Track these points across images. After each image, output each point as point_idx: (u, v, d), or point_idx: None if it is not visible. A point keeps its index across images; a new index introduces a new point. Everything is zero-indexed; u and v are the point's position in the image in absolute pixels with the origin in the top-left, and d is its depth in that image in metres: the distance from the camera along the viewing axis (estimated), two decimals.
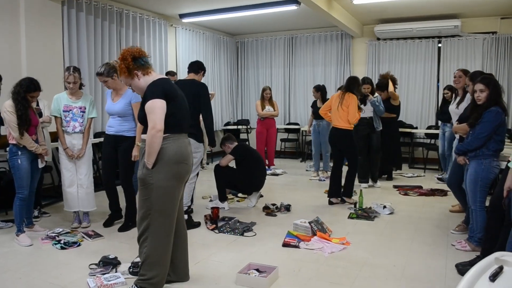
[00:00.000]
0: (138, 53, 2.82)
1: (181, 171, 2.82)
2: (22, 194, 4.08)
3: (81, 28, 6.52)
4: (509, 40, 8.24)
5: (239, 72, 10.88)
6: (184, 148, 2.83)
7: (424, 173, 7.86)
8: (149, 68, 2.85)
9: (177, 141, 2.79)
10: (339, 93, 5.60)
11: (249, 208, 5.40)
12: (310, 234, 4.17)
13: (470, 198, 3.74)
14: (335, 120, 5.52)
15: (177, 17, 8.50)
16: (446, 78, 8.66)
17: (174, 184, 2.79)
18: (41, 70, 5.56)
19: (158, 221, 2.78)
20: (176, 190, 2.83)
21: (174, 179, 2.78)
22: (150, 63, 2.89)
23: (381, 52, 9.29)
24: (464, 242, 3.91)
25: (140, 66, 2.81)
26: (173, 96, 2.78)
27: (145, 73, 2.83)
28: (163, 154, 2.72)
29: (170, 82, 2.90)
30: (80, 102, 4.48)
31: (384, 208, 5.12)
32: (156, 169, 2.73)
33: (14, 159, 4.05)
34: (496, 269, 1.46)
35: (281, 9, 7.61)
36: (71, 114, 4.42)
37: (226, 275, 3.27)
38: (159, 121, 2.65)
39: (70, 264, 3.54)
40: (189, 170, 2.92)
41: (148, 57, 2.89)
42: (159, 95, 2.69)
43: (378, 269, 3.43)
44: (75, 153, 4.47)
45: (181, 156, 2.79)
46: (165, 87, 2.77)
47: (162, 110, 2.67)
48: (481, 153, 3.58)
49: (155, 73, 2.90)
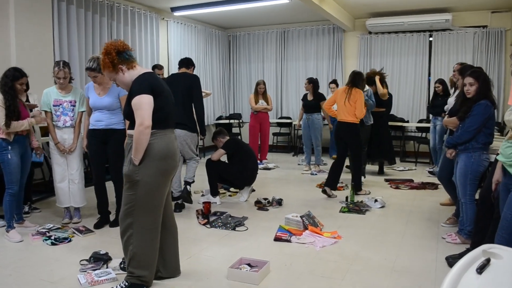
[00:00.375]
0: (122, 47, 2.76)
1: (168, 167, 2.79)
2: (12, 190, 4.04)
3: (71, 21, 6.44)
4: (499, 34, 8.28)
5: (231, 66, 10.84)
6: (171, 144, 2.81)
7: (415, 167, 7.90)
8: (133, 62, 2.81)
9: (164, 137, 2.76)
10: (345, 88, 5.67)
11: (241, 202, 5.41)
12: (302, 228, 4.18)
13: (460, 191, 3.77)
14: (342, 115, 5.61)
15: (169, 10, 8.44)
16: (437, 72, 8.70)
17: (160, 180, 2.77)
18: (31, 64, 5.49)
19: (143, 217, 2.76)
20: (162, 186, 2.81)
21: (160, 175, 2.76)
22: (134, 57, 2.84)
23: (372, 46, 9.30)
24: (454, 235, 3.94)
25: (124, 60, 2.75)
26: (160, 91, 2.75)
27: (130, 67, 2.78)
28: (150, 150, 2.69)
29: (156, 76, 2.86)
30: (70, 96, 4.46)
31: (376, 202, 5.14)
32: (143, 165, 2.70)
33: (4, 154, 4.00)
34: (484, 261, 1.47)
35: (273, 2, 7.58)
36: (61, 108, 4.40)
37: (217, 270, 3.27)
38: (147, 117, 2.62)
39: (60, 260, 3.52)
40: (176, 166, 2.89)
41: (132, 50, 2.84)
42: (146, 90, 2.65)
43: (370, 263, 3.45)
44: (67, 147, 4.44)
45: (168, 152, 2.76)
46: (152, 81, 2.74)
47: (149, 105, 2.65)
48: (471, 146, 3.61)
49: (139, 67, 2.86)
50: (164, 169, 2.76)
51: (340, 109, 5.65)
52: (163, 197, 2.85)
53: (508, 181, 2.46)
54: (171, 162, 2.81)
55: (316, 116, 7.49)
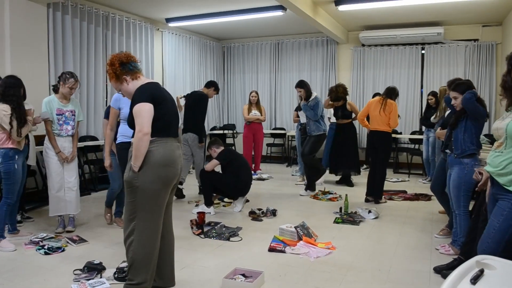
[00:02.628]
0: (125, 58, 2.84)
1: (168, 175, 2.80)
2: (11, 200, 4.04)
3: (66, 31, 6.46)
4: (490, 48, 8.40)
5: (225, 76, 10.89)
6: (171, 152, 2.81)
7: (408, 178, 7.95)
8: (137, 73, 2.87)
9: (165, 145, 2.78)
10: (379, 99, 5.94)
11: (235, 213, 5.40)
12: (296, 239, 4.19)
13: (454, 203, 3.80)
14: (376, 124, 5.88)
15: (164, 21, 8.49)
16: (430, 84, 8.79)
17: (159, 188, 2.77)
18: (26, 73, 5.45)
19: (143, 224, 2.77)
20: (162, 194, 2.81)
21: (160, 183, 2.77)
22: (139, 68, 2.90)
23: (365, 58, 9.39)
24: (447, 246, 3.97)
25: (128, 71, 2.83)
26: (161, 99, 2.78)
27: (134, 78, 2.85)
28: (150, 157, 2.72)
29: (158, 86, 2.90)
30: (70, 105, 4.53)
31: (369, 213, 5.16)
32: (142, 172, 2.72)
33: (10, 163, 3.98)
34: (477, 272, 1.49)
35: (267, 14, 7.65)
36: (64, 117, 4.47)
37: (212, 280, 3.27)
38: (146, 124, 2.65)
39: (54, 270, 3.50)
40: (177, 174, 2.88)
41: (137, 62, 2.91)
42: (146, 98, 2.70)
43: (364, 273, 3.46)
44: (68, 157, 4.50)
45: (168, 159, 2.78)
46: (153, 91, 2.78)
47: (149, 113, 2.68)
48: (467, 148, 3.62)
49: (144, 78, 2.91)
50: (164, 176, 2.77)
51: (374, 119, 5.89)
52: (163, 205, 2.85)
53: (496, 191, 2.49)
54: (171, 170, 2.81)
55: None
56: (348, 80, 9.41)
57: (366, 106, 6.17)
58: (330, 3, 7.00)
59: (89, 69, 6.89)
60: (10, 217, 4.25)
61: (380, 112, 5.80)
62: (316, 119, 6.34)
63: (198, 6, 7.42)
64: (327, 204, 5.89)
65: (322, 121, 6.43)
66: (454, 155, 3.71)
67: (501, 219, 2.37)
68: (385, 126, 5.82)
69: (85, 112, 6.79)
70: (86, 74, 6.82)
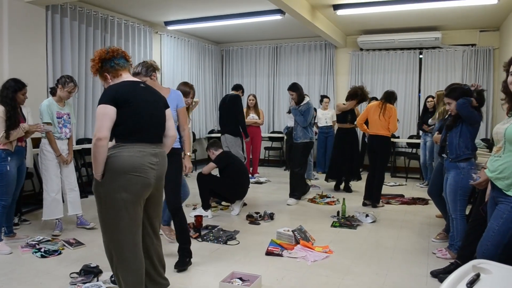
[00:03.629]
0: (107, 55, 2.63)
1: (131, 183, 2.49)
2: (5, 202, 4.03)
3: (65, 33, 6.47)
4: (488, 53, 8.44)
5: (223, 80, 10.90)
6: (136, 158, 2.51)
7: (405, 182, 7.96)
8: (119, 70, 2.64)
9: (129, 150, 2.51)
10: (378, 104, 5.93)
11: (233, 216, 5.40)
12: (293, 243, 4.18)
13: (451, 207, 3.81)
14: (375, 128, 5.88)
15: (163, 24, 8.50)
16: (427, 89, 8.82)
17: (124, 197, 2.49)
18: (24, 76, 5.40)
19: (115, 236, 2.56)
20: (130, 205, 2.52)
21: (123, 191, 2.48)
22: (122, 65, 2.66)
23: (364, 63, 9.42)
24: (444, 250, 3.97)
25: (108, 69, 2.63)
26: (127, 101, 2.51)
27: (115, 76, 2.64)
28: (110, 164, 2.49)
29: (128, 86, 2.61)
30: (66, 109, 4.62)
31: (367, 217, 5.17)
32: (104, 180, 2.51)
33: (2, 165, 3.97)
34: (473, 276, 1.50)
35: (266, 18, 7.67)
36: (63, 120, 4.56)
37: (209, 284, 3.27)
38: (101, 128, 2.43)
39: (50, 273, 3.49)
40: (145, 182, 2.55)
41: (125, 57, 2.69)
42: (108, 100, 2.48)
43: (361, 277, 3.46)
44: (67, 159, 4.59)
45: (130, 166, 2.49)
46: (120, 91, 2.54)
47: (106, 116, 2.46)
48: (461, 152, 3.64)
49: (126, 75, 2.68)
50: (126, 184, 2.49)
51: (374, 123, 5.89)
52: (134, 217, 2.56)
53: (495, 195, 2.50)
54: (135, 177, 2.50)
55: None
56: (346, 84, 9.44)
57: (365, 111, 6.14)
58: (329, 7, 7.03)
59: (87, 72, 6.89)
60: (7, 220, 4.25)
61: (380, 116, 5.82)
62: (304, 126, 6.00)
63: (197, 10, 7.44)
64: (325, 208, 5.89)
65: (310, 128, 6.11)
66: (450, 159, 3.73)
67: (501, 222, 2.38)
68: (385, 131, 5.84)
69: (82, 115, 6.81)
70: (84, 76, 6.82)
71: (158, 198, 2.81)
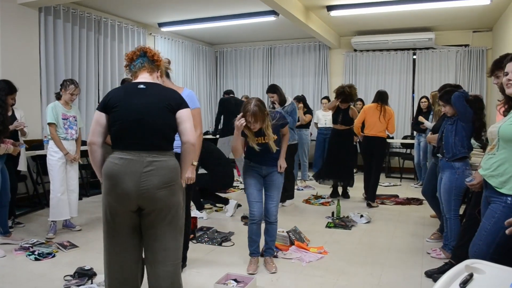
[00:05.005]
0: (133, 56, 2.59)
1: (109, 190, 2.37)
2: None
3: (58, 35, 6.44)
4: (481, 53, 8.50)
5: (217, 81, 10.90)
6: (113, 166, 2.35)
7: (400, 182, 7.98)
8: (136, 72, 2.56)
9: (112, 157, 2.39)
10: (376, 106, 5.97)
11: (227, 217, 5.39)
12: (288, 244, 4.18)
13: (445, 207, 3.82)
14: (372, 130, 5.95)
15: (156, 25, 8.49)
16: (421, 89, 8.86)
17: (108, 202, 2.40)
18: (17, 77, 5.41)
19: (104, 235, 2.51)
20: (108, 210, 2.41)
21: (106, 195, 2.40)
22: (138, 66, 2.56)
23: (358, 63, 9.45)
24: (439, 250, 3.98)
25: (131, 70, 2.60)
26: (115, 106, 2.40)
27: (135, 78, 2.57)
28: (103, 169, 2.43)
29: (122, 88, 2.57)
30: (73, 111, 4.75)
31: (361, 217, 5.18)
32: None
33: None
34: (466, 276, 1.50)
35: (260, 19, 7.68)
36: (68, 122, 4.67)
37: (203, 285, 3.26)
38: (91, 133, 2.42)
39: (44, 276, 3.47)
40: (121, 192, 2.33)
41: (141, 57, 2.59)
42: (99, 106, 2.45)
43: (355, 278, 3.47)
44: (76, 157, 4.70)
45: (108, 173, 2.36)
46: (112, 95, 2.46)
47: (95, 122, 2.42)
48: (458, 151, 3.65)
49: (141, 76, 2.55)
50: (106, 191, 2.39)
51: (372, 125, 5.94)
52: (112, 225, 2.43)
53: (488, 194, 2.50)
54: (112, 186, 2.35)
55: (305, 132, 7.57)
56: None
57: (362, 113, 6.09)
58: (322, 8, 7.04)
59: (81, 73, 6.88)
60: (1, 220, 4.27)
61: (380, 118, 5.89)
62: (292, 127, 5.73)
63: (190, 11, 7.43)
64: (319, 208, 5.90)
65: (293, 131, 5.89)
66: (445, 158, 3.74)
67: (493, 221, 2.39)
68: (383, 132, 5.95)
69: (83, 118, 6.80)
70: (78, 78, 6.79)
71: (156, 229, 2.43)
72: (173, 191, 2.40)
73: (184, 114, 2.45)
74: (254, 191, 3.59)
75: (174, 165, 2.43)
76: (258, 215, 3.59)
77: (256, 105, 3.30)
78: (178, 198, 2.45)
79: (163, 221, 2.40)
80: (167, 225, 2.42)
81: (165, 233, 2.42)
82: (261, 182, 3.64)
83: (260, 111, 3.29)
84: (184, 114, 2.45)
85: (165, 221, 2.41)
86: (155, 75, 2.60)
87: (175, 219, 2.44)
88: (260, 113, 3.29)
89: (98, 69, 7.22)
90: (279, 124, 3.52)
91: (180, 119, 2.43)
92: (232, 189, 7.04)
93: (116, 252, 2.47)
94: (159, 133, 2.40)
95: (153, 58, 2.60)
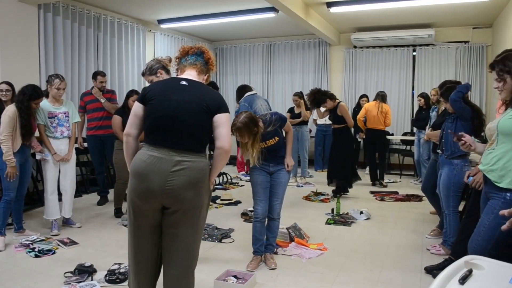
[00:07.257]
0: (184, 52, 2.60)
1: (134, 187, 2.32)
2: (8, 197, 4.10)
3: (57, 32, 6.42)
4: (481, 49, 8.48)
5: (217, 78, 10.87)
6: (140, 162, 2.30)
7: (400, 179, 7.99)
8: (185, 67, 2.54)
9: (140, 153, 2.34)
10: (375, 103, 7.27)
11: (227, 214, 5.40)
12: (288, 240, 4.19)
13: (444, 203, 3.83)
14: (374, 123, 7.22)
15: (156, 22, 8.47)
16: (421, 86, 8.85)
17: (131, 199, 2.35)
18: (16, 75, 5.46)
19: (128, 230, 2.49)
20: (136, 207, 2.35)
21: (131, 192, 2.35)
22: (188, 63, 2.54)
23: (357, 60, 9.43)
24: (438, 246, 3.99)
25: (180, 63, 2.58)
26: (152, 99, 2.36)
27: (181, 73, 2.54)
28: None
29: (163, 82, 2.54)
30: (63, 107, 4.61)
31: (361, 214, 5.18)
32: None
33: (3, 161, 4.01)
34: (466, 272, 1.50)
35: (259, 16, 7.65)
36: (57, 119, 4.53)
37: (203, 282, 3.26)
38: (127, 124, 2.42)
39: (44, 273, 3.47)
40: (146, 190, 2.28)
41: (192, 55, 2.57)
42: (138, 97, 2.46)
43: (355, 274, 3.48)
44: (63, 157, 4.57)
45: (135, 171, 2.31)
46: (152, 88, 2.43)
47: (132, 112, 2.41)
48: (456, 149, 3.64)
49: (188, 72, 2.52)
50: (131, 188, 2.35)
51: (373, 119, 7.20)
52: (135, 223, 2.40)
53: (488, 190, 2.51)
54: (137, 184, 2.31)
55: (305, 129, 7.57)
56: (340, 82, 9.48)
57: (363, 109, 7.36)
58: (322, 5, 7.03)
59: (80, 70, 6.86)
60: (15, 216, 4.37)
61: (378, 113, 7.17)
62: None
63: (190, 8, 7.42)
64: (319, 205, 5.91)
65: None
66: (445, 155, 3.74)
67: (491, 217, 2.40)
68: (382, 125, 7.23)
69: None
70: (77, 75, 6.79)
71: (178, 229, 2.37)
72: (200, 193, 2.34)
73: (222, 118, 2.35)
74: (260, 189, 3.61)
75: (203, 166, 2.35)
76: (262, 214, 3.60)
77: (241, 122, 3.29)
78: (203, 200, 2.39)
79: (186, 221, 2.35)
80: (190, 226, 2.37)
81: (186, 233, 2.38)
82: (268, 180, 3.65)
83: (245, 127, 3.28)
84: (222, 118, 2.35)
85: (188, 222, 2.35)
86: (202, 77, 2.54)
87: (197, 221, 2.39)
88: (244, 129, 3.29)
89: (97, 66, 7.21)
90: (277, 126, 3.53)
91: (217, 122, 2.35)
92: (231, 186, 7.06)
93: (137, 252, 2.45)
94: (191, 133, 2.31)
95: (209, 61, 2.57)
